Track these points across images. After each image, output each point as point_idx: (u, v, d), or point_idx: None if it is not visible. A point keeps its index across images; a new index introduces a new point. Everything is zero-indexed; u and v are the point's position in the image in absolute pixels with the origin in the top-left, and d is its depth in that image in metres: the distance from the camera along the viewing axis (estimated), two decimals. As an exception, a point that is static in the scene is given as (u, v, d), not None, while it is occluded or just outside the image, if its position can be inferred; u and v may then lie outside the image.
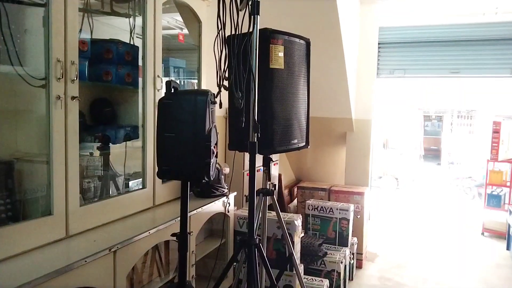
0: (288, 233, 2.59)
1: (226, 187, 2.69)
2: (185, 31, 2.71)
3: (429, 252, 4.65)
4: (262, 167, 2.36)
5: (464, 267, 4.20)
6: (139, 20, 2.20)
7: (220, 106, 1.85)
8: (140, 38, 2.18)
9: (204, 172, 1.53)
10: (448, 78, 4.94)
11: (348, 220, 3.65)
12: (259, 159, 2.20)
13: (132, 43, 2.27)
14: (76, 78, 1.66)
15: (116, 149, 2.24)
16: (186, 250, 1.67)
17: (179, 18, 2.67)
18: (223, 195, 2.63)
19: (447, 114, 12.24)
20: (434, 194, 8.57)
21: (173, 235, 1.68)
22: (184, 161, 1.53)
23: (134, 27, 2.30)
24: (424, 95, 11.44)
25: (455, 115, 12.09)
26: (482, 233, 5.31)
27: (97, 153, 2.15)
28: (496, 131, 5.11)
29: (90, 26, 2.11)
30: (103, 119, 2.20)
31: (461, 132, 11.92)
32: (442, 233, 5.48)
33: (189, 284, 1.69)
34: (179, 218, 1.73)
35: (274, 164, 3.89)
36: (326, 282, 3.03)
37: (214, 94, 1.67)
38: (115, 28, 2.40)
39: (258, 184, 2.33)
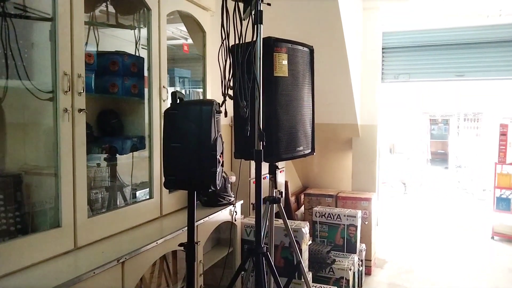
0: (295, 240, 2.58)
1: (233, 196, 2.69)
2: (190, 41, 2.74)
3: (438, 257, 4.60)
4: (268, 175, 2.36)
5: (474, 272, 4.15)
6: (144, 31, 2.23)
7: (226, 115, 1.86)
8: (145, 49, 2.20)
9: (210, 181, 1.53)
10: (453, 81, 4.92)
11: (356, 227, 3.63)
12: (265, 167, 2.20)
13: (137, 54, 2.30)
14: (83, 90, 1.68)
15: (123, 160, 2.25)
16: (194, 260, 1.67)
17: (184, 28, 2.69)
18: (229, 203, 2.63)
19: (453, 117, 12.17)
20: (442, 198, 8.50)
21: (180, 245, 1.69)
22: (190, 170, 1.53)
23: (139, 38, 2.33)
24: (430, 99, 11.40)
25: (461, 118, 12.02)
26: (492, 237, 5.25)
27: (104, 164, 2.16)
28: (503, 134, 5.08)
29: (96, 38, 2.13)
30: (110, 130, 2.21)
31: (468, 135, 11.84)
32: (451, 238, 5.43)
33: (198, 294, 1.69)
34: (186, 228, 1.73)
35: (280, 172, 3.89)
36: (335, 289, 3.01)
37: (219, 103, 1.68)
38: (121, 40, 2.43)
39: (265, 192, 2.33)
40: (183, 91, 2.71)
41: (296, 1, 3.23)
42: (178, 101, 1.57)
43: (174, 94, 1.56)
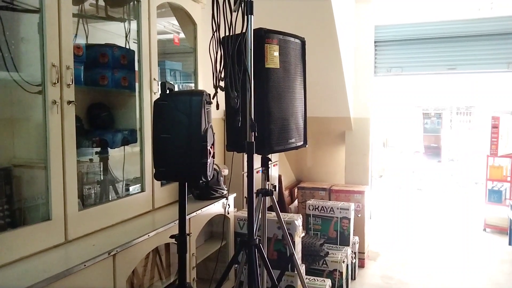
0: (288, 233, 2.59)
1: (226, 189, 2.69)
2: (182, 35, 2.72)
3: (431, 249, 4.64)
4: (261, 168, 2.36)
5: (467, 263, 4.19)
6: (134, 24, 2.21)
7: (217, 108, 1.85)
8: (136, 43, 2.19)
9: (201, 172, 1.52)
10: (445, 74, 4.94)
11: (349, 219, 3.64)
12: (257, 160, 2.20)
13: (128, 47, 2.28)
14: (72, 82, 1.66)
15: (114, 154, 2.24)
16: (185, 251, 1.67)
17: (175, 22, 2.68)
18: (222, 196, 2.63)
19: (446, 111, 12.24)
20: (435, 191, 8.56)
21: (172, 236, 1.68)
22: (181, 161, 1.53)
23: (129, 31, 2.31)
24: (423, 93, 11.45)
25: (454, 112, 12.09)
26: (484, 229, 5.30)
27: (97, 159, 2.15)
28: (495, 126, 5.11)
29: (85, 31, 2.12)
30: (100, 123, 2.19)
31: (460, 128, 11.92)
32: (444, 230, 5.47)
33: (189, 285, 1.69)
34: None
35: (273, 165, 3.89)
36: (328, 282, 3.02)
37: (209, 94, 1.67)
38: (111, 33, 2.41)
39: (258, 185, 2.33)
40: (174, 86, 2.69)
41: (288, -6, 3.21)
42: (167, 92, 1.56)
43: (163, 85, 1.55)
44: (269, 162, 2.33)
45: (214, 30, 1.87)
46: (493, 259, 4.32)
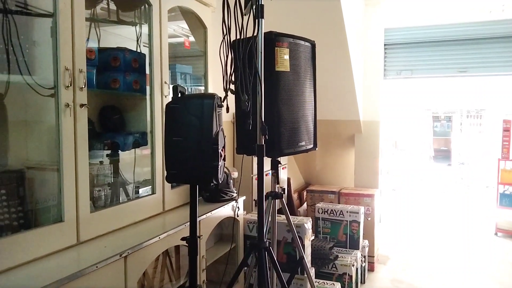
0: (298, 236, 2.58)
1: (235, 192, 2.69)
2: (192, 38, 2.74)
3: (442, 254, 4.59)
4: (270, 171, 2.36)
5: (478, 268, 4.14)
6: (145, 28, 2.23)
7: (228, 111, 1.86)
8: (146, 47, 2.20)
9: (212, 175, 1.53)
10: (456, 77, 4.90)
11: (359, 223, 3.63)
12: (267, 162, 2.20)
13: (139, 51, 2.30)
14: (84, 85, 1.68)
15: (125, 155, 2.25)
16: (196, 253, 1.67)
17: (185, 26, 2.69)
18: (232, 199, 2.63)
19: (456, 114, 12.14)
20: (446, 194, 8.48)
21: (183, 239, 1.69)
22: (192, 164, 1.53)
23: (140, 35, 2.33)
24: (433, 96, 11.36)
25: (464, 115, 11.98)
26: (496, 233, 5.23)
27: (107, 161, 2.17)
28: (506, 130, 5.06)
29: (97, 35, 2.14)
30: (112, 126, 2.21)
31: (471, 132, 11.81)
32: (455, 234, 5.42)
33: (200, 287, 1.69)
34: (189, 223, 1.73)
35: (282, 168, 3.88)
36: (338, 285, 3.01)
37: (220, 97, 1.68)
38: (122, 37, 2.43)
39: (267, 188, 2.33)
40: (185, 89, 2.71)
41: (298, -3, 3.22)
42: (179, 95, 1.57)
43: (175, 88, 1.56)
44: (278, 165, 2.33)
45: (225, 33, 1.88)
46: (504, 263, 4.27)
